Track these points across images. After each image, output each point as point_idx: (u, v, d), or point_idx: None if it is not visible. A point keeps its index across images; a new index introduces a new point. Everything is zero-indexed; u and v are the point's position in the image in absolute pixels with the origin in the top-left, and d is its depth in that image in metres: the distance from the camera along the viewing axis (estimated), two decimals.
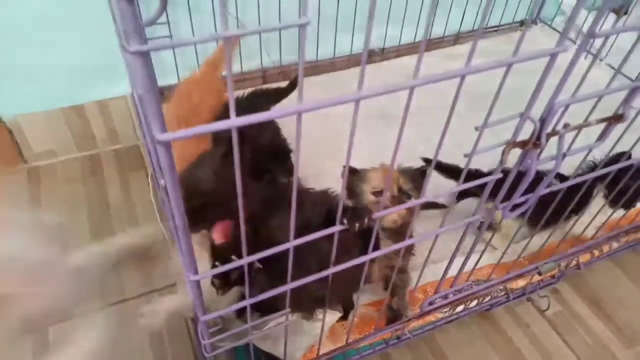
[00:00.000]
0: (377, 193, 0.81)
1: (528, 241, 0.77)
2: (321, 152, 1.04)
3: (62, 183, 1.12)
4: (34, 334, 0.86)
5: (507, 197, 0.59)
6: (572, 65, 0.46)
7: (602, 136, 0.57)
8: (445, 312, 0.81)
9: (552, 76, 0.44)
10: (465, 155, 0.50)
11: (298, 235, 0.45)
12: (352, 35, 1.23)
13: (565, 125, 0.52)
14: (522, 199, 0.60)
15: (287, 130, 0.94)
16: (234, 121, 0.31)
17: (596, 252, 0.90)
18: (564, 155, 0.56)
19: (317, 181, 0.74)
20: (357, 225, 0.49)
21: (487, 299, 0.83)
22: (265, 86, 1.19)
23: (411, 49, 1.30)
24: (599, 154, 0.77)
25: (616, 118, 0.54)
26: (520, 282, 0.85)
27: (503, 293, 0.84)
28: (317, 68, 1.25)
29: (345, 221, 0.49)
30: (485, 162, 0.65)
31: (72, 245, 0.99)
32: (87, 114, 1.13)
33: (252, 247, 0.43)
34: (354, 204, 0.79)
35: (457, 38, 1.39)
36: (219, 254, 0.60)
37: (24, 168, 1.15)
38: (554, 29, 1.45)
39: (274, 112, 0.38)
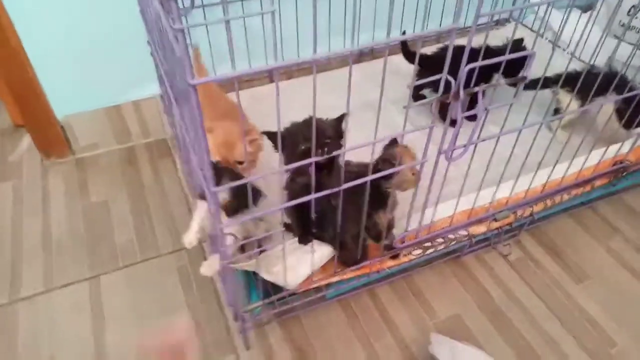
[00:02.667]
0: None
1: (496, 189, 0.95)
2: None
3: (104, 170, 1.35)
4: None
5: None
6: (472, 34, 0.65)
7: (515, 95, 0.76)
8: (418, 253, 0.99)
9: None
10: (404, 107, 0.69)
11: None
12: (344, 37, 1.44)
13: (479, 84, 0.71)
14: (461, 147, 0.79)
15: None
16: None
17: (548, 203, 1.07)
18: (487, 109, 0.75)
19: None
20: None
21: (453, 242, 1.01)
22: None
23: (395, 49, 1.50)
24: None
25: (520, 79, 0.73)
26: (481, 228, 1.03)
27: (467, 238, 1.02)
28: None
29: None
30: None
31: (117, 218, 1.21)
32: (124, 113, 1.36)
33: None
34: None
35: (439, 37, 1.59)
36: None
37: (72, 159, 1.38)
38: (525, 26, 1.64)
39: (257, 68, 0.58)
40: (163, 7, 0.51)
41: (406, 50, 1.29)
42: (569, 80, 1.00)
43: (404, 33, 1.42)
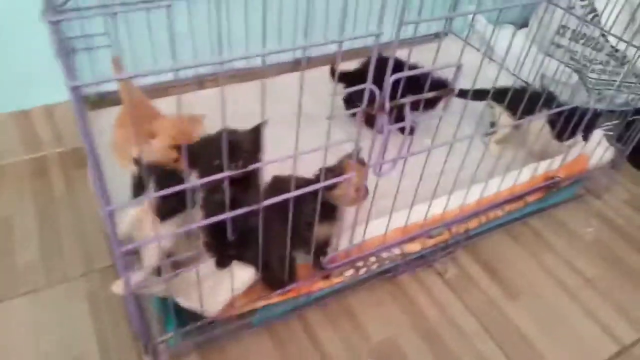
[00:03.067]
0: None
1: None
2: None
3: (9, 183, 1.21)
4: None
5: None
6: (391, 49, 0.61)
7: (445, 107, 0.73)
8: (350, 274, 0.93)
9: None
10: (327, 118, 0.63)
11: None
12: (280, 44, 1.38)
13: (405, 96, 0.67)
14: (389, 161, 0.74)
15: None
16: None
17: (483, 219, 1.05)
18: (413, 122, 0.71)
19: None
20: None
21: (386, 261, 0.96)
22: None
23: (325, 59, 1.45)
24: None
25: (447, 91, 0.70)
26: (415, 246, 0.99)
27: (401, 256, 0.98)
28: (249, 75, 1.39)
29: None
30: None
31: (20, 236, 1.08)
32: (34, 119, 1.23)
33: None
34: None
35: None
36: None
37: None
38: (462, 39, 1.65)
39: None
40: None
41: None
42: (501, 95, 0.99)
43: None
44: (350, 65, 1.15)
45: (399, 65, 0.62)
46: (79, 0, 1.02)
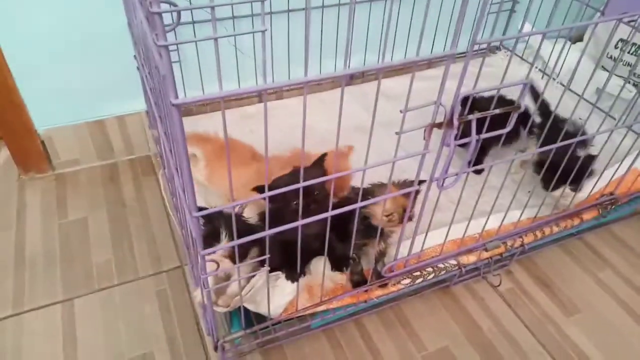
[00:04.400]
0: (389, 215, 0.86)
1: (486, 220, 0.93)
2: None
3: (84, 187, 1.30)
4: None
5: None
6: (466, 66, 0.64)
7: (509, 123, 0.75)
8: (407, 283, 0.96)
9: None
10: (397, 133, 0.67)
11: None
12: (335, 59, 1.43)
13: (473, 112, 0.70)
14: (453, 175, 0.77)
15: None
16: None
17: (538, 234, 1.05)
18: (479, 138, 0.74)
19: None
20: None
21: (442, 272, 0.98)
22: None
23: (388, 72, 1.50)
24: None
25: (515, 108, 0.72)
26: (472, 258, 1.00)
27: (457, 267, 0.99)
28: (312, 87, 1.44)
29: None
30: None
31: (94, 237, 1.17)
32: (107, 128, 1.32)
33: None
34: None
35: (430, 63, 1.59)
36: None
37: (52, 174, 1.33)
38: (517, 55, 1.65)
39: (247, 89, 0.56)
40: (148, 22, 0.48)
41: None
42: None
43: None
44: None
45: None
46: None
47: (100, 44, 1.18)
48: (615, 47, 1.47)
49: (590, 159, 1.02)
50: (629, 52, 1.44)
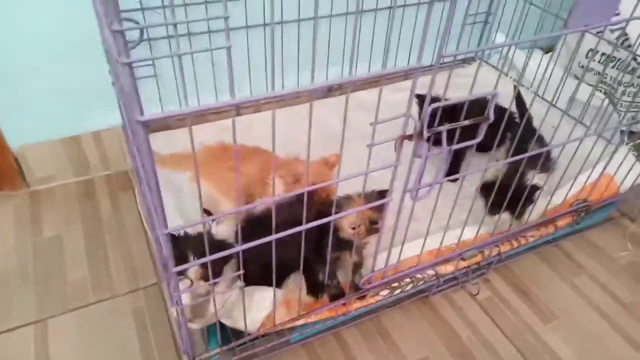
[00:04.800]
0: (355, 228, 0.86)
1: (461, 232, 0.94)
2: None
3: (59, 204, 1.28)
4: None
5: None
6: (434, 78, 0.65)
7: (479, 134, 0.76)
8: (385, 294, 0.96)
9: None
10: (368, 145, 0.67)
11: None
12: (312, 72, 1.43)
13: (443, 124, 0.71)
14: (426, 186, 0.78)
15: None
16: None
17: (515, 243, 1.06)
18: (450, 148, 0.74)
19: None
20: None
21: (420, 282, 0.98)
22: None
23: (363, 84, 1.51)
24: None
25: (483, 119, 0.73)
26: (449, 268, 1.01)
27: (434, 277, 1.00)
28: (282, 102, 1.45)
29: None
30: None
31: (70, 254, 1.14)
32: (83, 144, 1.31)
33: None
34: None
35: (406, 74, 1.61)
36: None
37: (26, 191, 1.31)
38: (491, 65, 1.68)
39: (218, 103, 0.56)
40: (114, 38, 0.48)
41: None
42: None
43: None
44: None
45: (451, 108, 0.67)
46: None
47: (76, 58, 1.17)
48: (586, 57, 1.51)
49: (535, 189, 1.00)
50: (598, 61, 1.47)
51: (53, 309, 1.02)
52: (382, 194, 0.87)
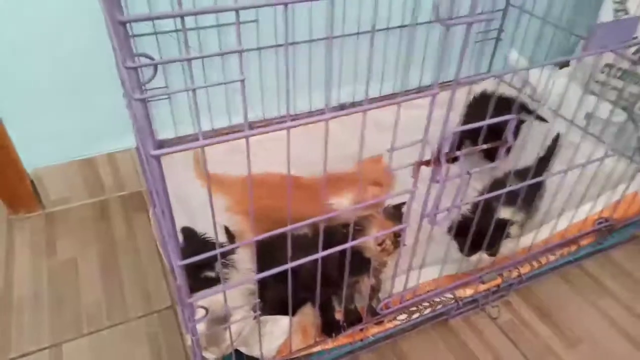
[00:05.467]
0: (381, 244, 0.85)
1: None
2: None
3: (75, 226, 1.28)
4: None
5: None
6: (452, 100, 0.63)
7: (496, 158, 0.74)
8: (403, 319, 0.94)
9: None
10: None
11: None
12: (325, 91, 1.43)
13: (461, 149, 0.69)
14: (444, 210, 0.76)
15: None
16: None
17: (535, 264, 1.04)
18: (469, 173, 0.73)
19: None
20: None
21: (439, 306, 0.96)
22: None
23: (377, 101, 1.50)
24: None
25: (502, 143, 0.71)
26: (468, 291, 0.98)
27: (453, 301, 0.97)
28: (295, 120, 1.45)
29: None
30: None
31: (84, 277, 1.14)
32: (98, 165, 1.31)
33: None
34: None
35: (419, 91, 1.60)
36: None
37: (42, 213, 1.31)
38: (505, 82, 1.66)
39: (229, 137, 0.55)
40: (127, 75, 0.48)
41: None
42: None
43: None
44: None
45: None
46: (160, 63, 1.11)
47: (90, 82, 1.18)
48: (602, 72, 1.48)
49: (505, 222, 0.93)
50: (615, 77, 1.45)
51: (67, 333, 1.02)
52: (398, 208, 0.86)
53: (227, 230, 1.06)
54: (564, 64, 1.65)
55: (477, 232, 0.88)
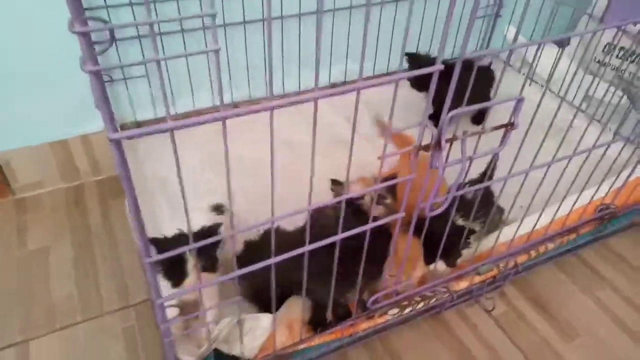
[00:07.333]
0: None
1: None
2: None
3: (47, 212, 1.21)
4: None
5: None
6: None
7: (502, 141, 0.68)
8: (395, 314, 0.89)
9: None
10: (379, 158, 0.60)
11: None
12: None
13: (464, 132, 0.63)
14: (441, 199, 0.70)
15: None
16: None
17: (532, 253, 0.99)
18: (470, 158, 0.67)
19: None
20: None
21: (432, 300, 0.91)
22: None
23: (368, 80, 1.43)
24: None
25: (508, 125, 0.65)
26: (463, 284, 0.93)
27: (447, 295, 0.92)
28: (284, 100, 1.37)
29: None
30: None
31: (56, 268, 1.07)
32: (72, 148, 1.23)
33: None
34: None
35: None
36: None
37: (11, 199, 1.23)
38: (504, 62, 1.60)
39: (201, 118, 0.47)
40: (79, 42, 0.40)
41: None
42: None
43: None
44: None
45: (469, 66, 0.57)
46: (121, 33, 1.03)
47: (61, 60, 1.09)
48: (603, 51, 1.42)
49: (461, 229, 0.86)
50: (616, 57, 1.39)
51: (37, 329, 0.95)
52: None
53: (218, 207, 0.98)
54: (564, 43, 1.59)
55: (431, 240, 0.82)
